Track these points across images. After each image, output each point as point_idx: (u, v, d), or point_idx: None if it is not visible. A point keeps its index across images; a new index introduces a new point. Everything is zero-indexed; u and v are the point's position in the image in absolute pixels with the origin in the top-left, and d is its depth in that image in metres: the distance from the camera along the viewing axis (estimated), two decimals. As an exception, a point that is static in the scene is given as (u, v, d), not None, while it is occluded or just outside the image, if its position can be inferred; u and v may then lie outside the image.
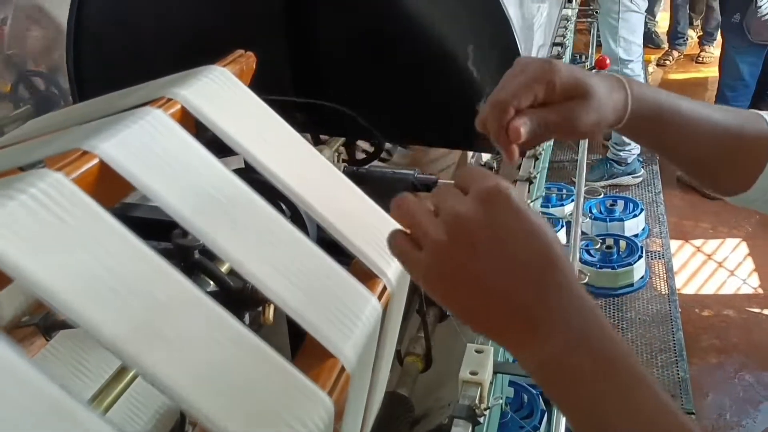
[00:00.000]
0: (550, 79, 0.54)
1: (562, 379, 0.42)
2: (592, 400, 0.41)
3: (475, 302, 0.42)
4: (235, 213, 0.51)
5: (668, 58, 5.03)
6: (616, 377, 0.40)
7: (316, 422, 0.43)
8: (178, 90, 0.55)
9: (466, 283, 0.42)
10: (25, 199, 0.40)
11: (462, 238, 0.41)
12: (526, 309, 0.41)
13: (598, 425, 0.41)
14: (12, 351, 0.34)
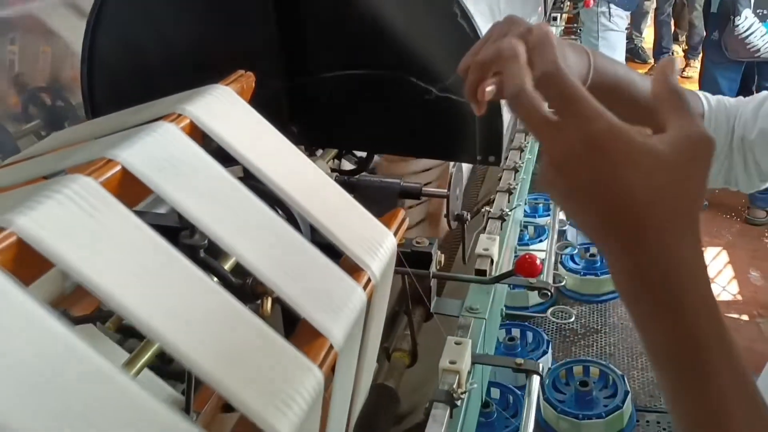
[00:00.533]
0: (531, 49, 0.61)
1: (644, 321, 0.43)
2: (660, 344, 0.43)
3: (588, 223, 0.43)
4: (238, 214, 0.59)
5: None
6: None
7: (307, 389, 0.50)
8: (187, 106, 0.62)
9: (577, 207, 0.42)
10: (61, 198, 0.47)
11: (567, 175, 0.41)
12: (623, 250, 0.42)
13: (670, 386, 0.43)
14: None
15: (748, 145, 0.74)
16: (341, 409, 0.66)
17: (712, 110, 0.76)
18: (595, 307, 2.32)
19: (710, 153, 0.41)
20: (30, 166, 0.65)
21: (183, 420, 0.43)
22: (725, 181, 0.78)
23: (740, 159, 0.76)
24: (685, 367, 0.42)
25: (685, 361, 0.42)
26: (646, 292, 0.42)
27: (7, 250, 0.43)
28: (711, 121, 0.75)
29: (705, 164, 0.41)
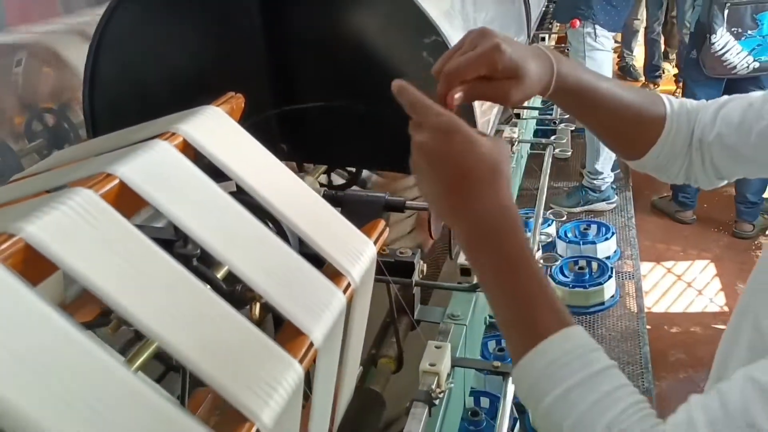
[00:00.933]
0: (495, 61, 0.66)
1: (473, 256, 0.61)
2: (488, 274, 0.60)
3: (434, 193, 0.62)
4: (228, 225, 0.64)
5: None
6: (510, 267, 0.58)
7: (288, 381, 0.55)
8: (180, 126, 0.68)
9: (429, 182, 0.61)
10: (65, 209, 0.53)
11: (425, 156, 0.61)
12: (459, 207, 0.60)
13: (494, 298, 0.60)
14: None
15: (706, 147, 0.78)
16: (324, 406, 0.71)
17: (674, 112, 0.79)
18: (583, 319, 2.36)
19: (503, 143, 0.62)
20: (34, 181, 0.70)
21: (176, 407, 0.48)
22: (686, 177, 0.83)
23: (698, 158, 0.80)
24: (509, 280, 0.58)
25: (507, 275, 0.58)
26: (483, 234, 0.59)
27: (16, 254, 0.48)
28: (672, 122, 0.79)
29: (505, 150, 0.61)
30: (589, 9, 2.90)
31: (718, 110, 0.79)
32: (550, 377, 0.53)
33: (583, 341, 0.55)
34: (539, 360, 0.54)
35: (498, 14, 1.55)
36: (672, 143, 0.79)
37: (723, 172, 0.80)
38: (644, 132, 0.80)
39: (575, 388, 0.52)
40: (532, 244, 1.28)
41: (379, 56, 0.96)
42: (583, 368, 0.52)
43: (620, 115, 0.78)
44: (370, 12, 0.96)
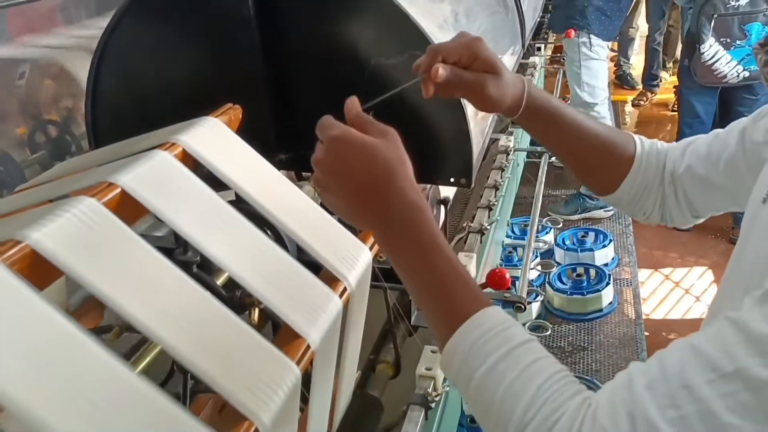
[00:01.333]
0: (475, 50, 0.72)
1: (392, 256, 0.64)
2: (402, 267, 0.63)
3: (340, 206, 0.64)
4: (227, 232, 0.66)
5: (643, 99, 5.22)
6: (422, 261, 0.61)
7: (286, 382, 0.57)
8: (180, 136, 0.70)
9: (332, 195, 0.64)
10: (69, 216, 0.55)
11: (321, 168, 0.63)
12: (366, 214, 0.63)
13: (412, 286, 0.63)
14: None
15: (678, 180, 0.80)
16: (322, 409, 0.72)
17: (644, 150, 0.82)
18: (581, 326, 2.37)
19: (396, 134, 0.62)
20: (39, 191, 0.72)
21: (179, 407, 0.50)
22: (661, 215, 0.84)
23: (671, 193, 0.82)
24: (425, 269, 0.61)
25: (423, 265, 0.61)
26: (393, 232, 0.62)
27: (22, 259, 0.50)
28: (642, 158, 0.82)
29: (398, 139, 0.62)
30: (584, 19, 2.94)
31: (687, 146, 0.81)
32: (476, 355, 0.56)
33: (501, 319, 0.58)
34: (463, 341, 0.57)
35: (492, 25, 1.57)
36: (643, 177, 0.81)
37: (696, 206, 0.82)
38: (614, 165, 0.82)
39: (501, 361, 0.55)
40: (528, 252, 1.30)
41: (374, 67, 0.98)
42: (505, 342, 0.55)
43: (589, 145, 0.81)
44: (365, 26, 0.99)
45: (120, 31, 0.98)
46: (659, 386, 0.48)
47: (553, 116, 0.79)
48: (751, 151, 0.74)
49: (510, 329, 0.57)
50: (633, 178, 0.82)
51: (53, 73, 1.52)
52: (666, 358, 0.49)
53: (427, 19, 1.03)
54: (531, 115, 0.78)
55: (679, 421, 0.46)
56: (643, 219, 0.86)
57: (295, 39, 1.00)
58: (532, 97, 0.77)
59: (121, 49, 0.99)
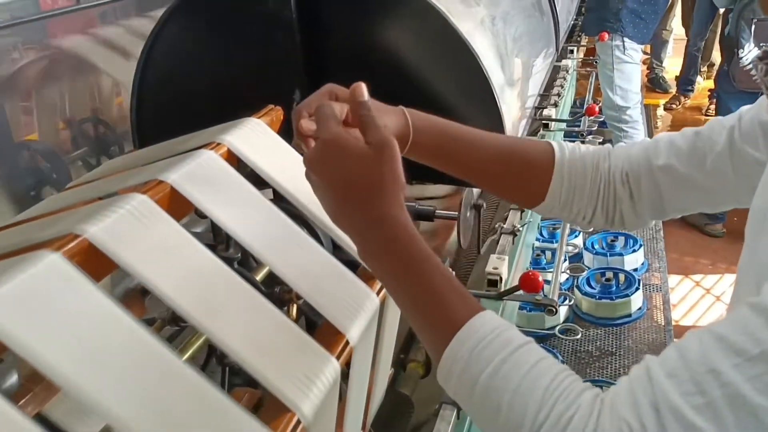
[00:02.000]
0: (331, 90, 0.71)
1: (377, 264, 0.62)
2: (386, 279, 0.62)
3: (326, 207, 0.63)
4: (269, 229, 0.68)
5: (676, 102, 5.15)
6: (409, 269, 0.59)
7: (326, 376, 0.59)
8: (224, 136, 0.72)
9: (320, 195, 0.63)
10: (123, 212, 0.57)
11: (311, 166, 0.62)
12: (347, 222, 0.62)
13: (398, 298, 0.61)
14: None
15: (645, 178, 0.76)
16: (358, 403, 0.74)
17: (564, 154, 0.79)
18: (610, 330, 2.36)
19: (393, 149, 0.60)
20: (89, 189, 0.74)
21: (225, 396, 0.52)
22: (606, 219, 0.81)
23: (625, 193, 0.78)
24: (413, 283, 0.59)
25: (410, 278, 0.59)
26: (376, 242, 0.60)
27: (80, 252, 0.53)
28: (563, 163, 0.78)
29: (393, 156, 0.60)
30: (618, 22, 2.92)
31: (657, 141, 0.78)
32: (477, 360, 0.54)
33: (497, 323, 0.56)
34: (461, 348, 0.56)
35: (528, 29, 1.58)
36: (569, 181, 0.78)
37: (666, 205, 0.78)
38: (530, 174, 0.79)
39: (503, 364, 0.54)
40: (560, 255, 1.31)
41: (412, 70, 1.00)
42: (505, 345, 0.54)
43: (495, 158, 0.78)
44: (403, 28, 1.01)
45: (165, 32, 1.01)
46: (682, 374, 0.47)
47: (445, 136, 0.76)
48: (740, 151, 0.72)
49: (507, 332, 0.56)
50: (558, 182, 0.78)
51: (98, 72, 1.57)
52: (686, 347, 0.49)
53: (464, 22, 1.04)
54: (421, 139, 0.75)
55: (707, 407, 0.45)
56: (584, 224, 0.82)
57: (335, 41, 1.02)
58: (417, 118, 0.75)
59: (166, 50, 1.02)
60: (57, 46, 1.55)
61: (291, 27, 1.00)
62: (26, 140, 1.48)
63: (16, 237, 0.61)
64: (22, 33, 1.48)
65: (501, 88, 1.09)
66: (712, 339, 0.48)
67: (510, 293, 1.04)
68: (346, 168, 0.60)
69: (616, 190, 0.79)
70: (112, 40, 1.62)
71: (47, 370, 0.44)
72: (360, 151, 0.60)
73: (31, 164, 1.40)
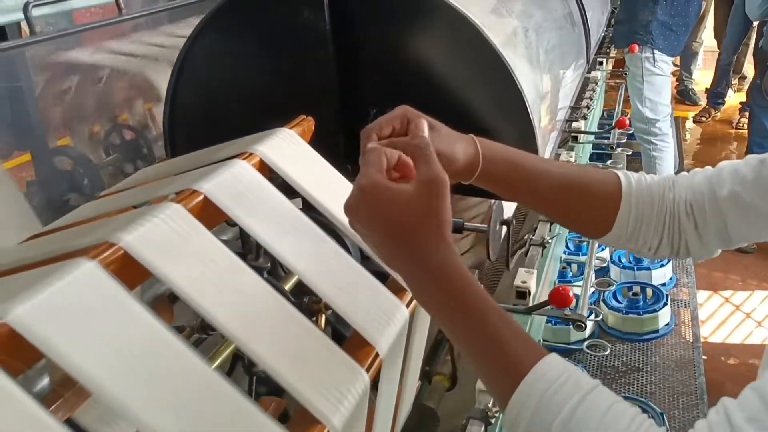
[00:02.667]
0: (404, 113, 0.70)
1: (425, 303, 0.61)
2: (444, 325, 0.60)
3: (375, 252, 0.63)
4: (300, 239, 0.68)
5: (705, 115, 5.10)
6: (460, 307, 0.58)
7: (356, 388, 0.59)
8: (257, 146, 0.73)
9: (368, 243, 0.63)
10: (157, 221, 0.58)
11: (353, 215, 0.61)
12: (396, 264, 0.61)
13: (463, 349, 0.60)
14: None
15: (710, 208, 0.75)
16: (386, 415, 0.74)
17: (631, 184, 0.78)
18: (637, 346, 2.33)
19: (443, 186, 0.58)
20: (123, 197, 0.75)
21: (254, 405, 0.52)
22: (671, 250, 0.80)
23: (689, 223, 0.77)
24: (473, 331, 0.58)
25: (469, 325, 0.58)
26: (425, 283, 0.59)
27: (116, 260, 0.53)
28: (631, 193, 0.78)
29: (439, 192, 0.58)
30: (648, 34, 2.90)
31: (720, 170, 0.77)
32: (548, 406, 0.53)
33: (564, 366, 0.55)
34: (531, 395, 0.54)
35: (559, 40, 1.57)
36: (637, 211, 0.78)
37: (732, 235, 0.77)
38: (598, 204, 0.79)
39: (577, 409, 0.52)
40: (590, 269, 1.29)
41: (444, 81, 1.00)
42: (577, 390, 0.53)
43: (563, 189, 0.78)
44: (436, 39, 1.01)
45: (200, 42, 1.02)
46: (764, 417, 0.46)
47: (514, 165, 0.76)
48: None
49: (576, 375, 0.55)
50: (626, 213, 0.78)
51: (129, 79, 1.59)
52: (765, 388, 0.48)
53: (496, 33, 1.04)
54: (491, 168, 0.74)
55: None
56: (650, 254, 0.81)
57: (368, 52, 1.02)
58: (487, 148, 0.74)
59: (201, 59, 1.03)
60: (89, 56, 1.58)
61: (325, 38, 1.00)
62: (59, 146, 1.50)
63: (52, 244, 0.62)
64: (57, 43, 1.51)
65: (533, 101, 1.08)
66: None
67: (539, 308, 1.03)
68: (386, 212, 0.59)
69: (680, 220, 0.78)
70: (150, 46, 1.64)
71: (82, 377, 0.45)
72: (399, 194, 0.59)
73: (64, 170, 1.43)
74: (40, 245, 0.65)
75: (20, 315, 0.44)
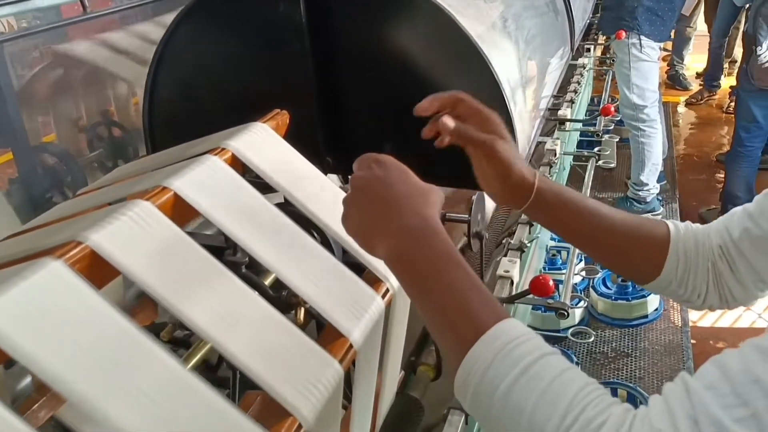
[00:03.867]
0: (489, 115, 0.73)
1: (398, 266, 0.61)
2: (419, 286, 0.60)
3: (360, 218, 0.64)
4: (274, 234, 0.68)
5: (698, 97, 5.10)
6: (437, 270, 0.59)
7: (328, 380, 0.59)
8: (229, 141, 0.73)
9: (354, 209, 0.64)
10: (126, 219, 0.58)
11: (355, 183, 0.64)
12: (379, 231, 0.62)
13: (423, 301, 0.59)
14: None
15: (734, 249, 0.76)
16: (364, 407, 0.74)
17: (679, 231, 0.78)
18: (626, 332, 2.34)
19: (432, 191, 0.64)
20: (98, 195, 0.75)
21: (228, 402, 0.52)
22: (719, 297, 0.79)
23: (725, 267, 0.77)
24: (437, 287, 0.58)
25: (436, 282, 0.58)
26: (406, 243, 0.60)
27: (82, 259, 0.53)
28: (678, 240, 0.78)
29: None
30: (634, 20, 2.90)
31: (732, 215, 0.78)
32: (502, 362, 0.52)
33: (524, 330, 0.54)
34: (486, 351, 0.53)
35: (541, 29, 1.57)
36: (684, 257, 0.78)
37: (762, 272, 0.76)
38: (647, 251, 0.79)
39: (533, 365, 0.51)
40: (573, 257, 1.29)
41: (421, 72, 1.00)
42: (535, 349, 0.52)
43: (615, 234, 0.78)
44: (412, 30, 1.00)
45: (177, 38, 1.02)
46: (722, 386, 0.46)
47: (566, 200, 0.76)
48: None
49: (536, 339, 0.54)
50: (674, 260, 0.78)
51: (113, 75, 1.58)
52: (725, 362, 0.47)
53: (474, 24, 1.04)
54: (544, 197, 0.75)
55: (751, 419, 0.44)
56: (700, 305, 0.81)
57: (345, 45, 1.02)
58: (543, 181, 0.75)
59: (178, 55, 1.02)
60: (74, 51, 1.57)
61: (301, 31, 1.00)
62: (43, 143, 1.50)
63: (24, 244, 0.62)
64: (43, 37, 1.50)
65: (512, 90, 1.08)
66: (755, 351, 0.46)
67: (521, 297, 1.04)
68: (397, 179, 0.63)
69: (717, 266, 0.78)
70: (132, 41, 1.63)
71: (47, 377, 0.45)
72: (410, 173, 0.64)
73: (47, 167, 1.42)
74: (13, 245, 0.65)
75: (-17, 315, 0.45)
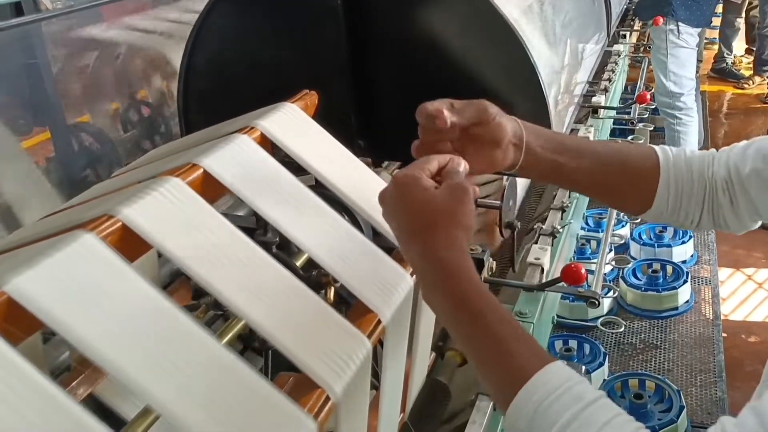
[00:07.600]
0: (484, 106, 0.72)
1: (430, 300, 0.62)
2: (450, 325, 0.61)
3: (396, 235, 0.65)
4: (304, 213, 0.68)
5: (749, 82, 5.01)
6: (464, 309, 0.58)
7: (357, 355, 0.59)
8: (258, 121, 0.73)
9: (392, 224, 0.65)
10: (156, 194, 0.58)
11: (381, 203, 0.65)
12: (411, 254, 0.63)
13: (465, 348, 0.60)
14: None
15: (739, 186, 0.76)
16: (394, 387, 0.74)
17: (669, 159, 0.78)
18: (655, 323, 2.31)
19: (466, 193, 0.62)
20: (132, 174, 0.76)
21: (260, 376, 0.52)
22: (713, 223, 0.80)
23: (726, 199, 0.77)
24: (475, 328, 0.58)
25: (471, 322, 0.58)
26: (430, 278, 0.61)
27: (114, 233, 0.54)
28: (669, 168, 0.78)
29: (463, 199, 0.62)
30: (669, 5, 2.84)
31: (748, 147, 0.77)
32: (543, 417, 0.52)
33: (566, 376, 0.54)
34: (527, 403, 0.53)
35: (577, 13, 1.55)
36: (676, 186, 0.78)
37: (761, 210, 0.76)
38: (638, 180, 0.79)
39: (572, 421, 0.51)
40: (604, 246, 1.27)
41: (456, 55, 0.99)
42: (574, 402, 0.52)
43: (600, 168, 0.78)
44: (449, 13, 0.99)
45: (213, 17, 1.02)
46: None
47: (558, 143, 0.76)
48: None
49: (578, 386, 0.53)
50: (665, 189, 0.78)
51: (147, 56, 1.59)
52: (762, 408, 0.48)
53: (511, 7, 1.02)
54: (534, 144, 0.75)
55: None
56: (693, 228, 0.81)
57: (379, 28, 1.01)
58: (530, 126, 0.75)
59: (213, 35, 1.03)
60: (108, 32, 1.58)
61: (336, 13, 1.00)
62: (78, 122, 1.51)
63: (59, 221, 0.63)
64: (77, 19, 1.51)
65: (548, 75, 1.07)
66: None
67: (551, 284, 1.03)
68: (409, 205, 0.63)
69: (718, 197, 0.78)
70: (167, 22, 1.64)
71: (79, 344, 0.46)
72: (425, 191, 0.63)
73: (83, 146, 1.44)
74: (51, 222, 0.66)
75: (18, 284, 0.45)
